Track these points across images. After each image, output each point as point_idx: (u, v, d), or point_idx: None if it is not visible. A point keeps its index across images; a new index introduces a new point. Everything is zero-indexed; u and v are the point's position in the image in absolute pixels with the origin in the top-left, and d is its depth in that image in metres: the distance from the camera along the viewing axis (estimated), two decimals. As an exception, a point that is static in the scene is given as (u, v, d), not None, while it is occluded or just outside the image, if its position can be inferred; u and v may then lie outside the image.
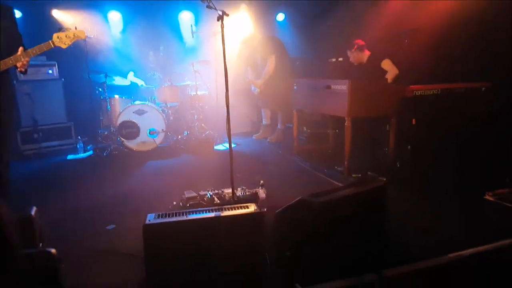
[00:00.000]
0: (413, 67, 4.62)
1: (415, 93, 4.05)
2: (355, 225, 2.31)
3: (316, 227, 2.12)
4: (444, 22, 4.46)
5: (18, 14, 5.87)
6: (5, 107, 2.92)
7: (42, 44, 2.78)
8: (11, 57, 2.73)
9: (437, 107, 4.03)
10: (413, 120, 4.05)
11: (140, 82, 6.12)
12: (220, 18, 2.82)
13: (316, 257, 2.14)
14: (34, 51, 2.77)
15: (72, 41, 2.84)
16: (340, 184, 3.85)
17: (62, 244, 2.65)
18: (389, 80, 4.58)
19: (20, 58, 2.75)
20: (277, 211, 2.37)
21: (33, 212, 2.20)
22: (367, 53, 4.89)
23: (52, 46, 2.80)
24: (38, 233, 2.21)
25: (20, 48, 2.75)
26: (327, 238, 2.15)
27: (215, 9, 2.85)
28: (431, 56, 4.58)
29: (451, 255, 1.92)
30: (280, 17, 7.42)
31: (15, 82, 5.40)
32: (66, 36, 2.80)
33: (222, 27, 2.83)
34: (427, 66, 4.59)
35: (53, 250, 1.64)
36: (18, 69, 2.82)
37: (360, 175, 4.02)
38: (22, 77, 5.28)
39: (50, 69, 5.98)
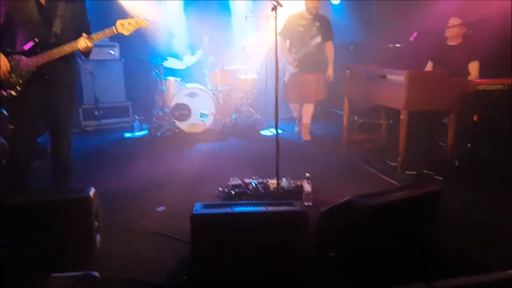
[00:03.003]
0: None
1: (478, 87, 3.76)
2: (404, 231, 2.22)
3: (363, 231, 2.07)
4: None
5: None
6: (71, 85, 3.08)
7: (106, 30, 2.87)
8: (76, 40, 2.82)
9: (502, 104, 3.72)
10: (475, 117, 3.78)
11: (194, 58, 6.23)
12: (274, 8, 2.77)
13: (362, 260, 2.10)
14: (98, 36, 2.86)
15: (134, 29, 2.92)
16: (393, 181, 3.72)
17: (114, 223, 2.85)
18: None
19: (84, 42, 2.84)
20: (322, 209, 2.33)
21: (91, 193, 2.35)
22: (469, 32, 4.29)
23: (115, 32, 2.89)
24: (94, 213, 2.37)
25: (83, 34, 2.84)
26: (374, 243, 2.09)
27: (269, -1, 2.81)
28: (498, 49, 4.20)
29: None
30: (335, 0, 7.14)
31: (79, 60, 5.69)
32: (128, 24, 2.89)
33: (276, 17, 2.79)
34: (493, 59, 4.22)
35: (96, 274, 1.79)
36: (81, 52, 2.92)
37: (414, 172, 3.85)
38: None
39: (111, 50, 6.24)
